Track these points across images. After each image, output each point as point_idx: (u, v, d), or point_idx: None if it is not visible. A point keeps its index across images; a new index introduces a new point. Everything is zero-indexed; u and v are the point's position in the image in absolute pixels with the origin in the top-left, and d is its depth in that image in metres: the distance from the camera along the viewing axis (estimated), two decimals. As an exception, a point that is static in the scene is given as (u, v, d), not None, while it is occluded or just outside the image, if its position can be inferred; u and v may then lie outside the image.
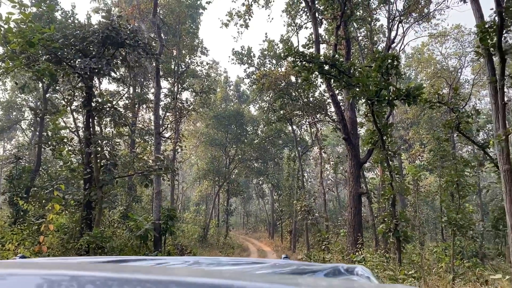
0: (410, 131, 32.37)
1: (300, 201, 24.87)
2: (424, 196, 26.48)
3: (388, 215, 12.76)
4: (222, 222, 37.56)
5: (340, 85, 13.89)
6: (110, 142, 14.00)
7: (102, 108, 13.41)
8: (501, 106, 9.97)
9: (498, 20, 9.43)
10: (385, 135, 13.32)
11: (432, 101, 15.22)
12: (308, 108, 26.26)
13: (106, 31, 12.21)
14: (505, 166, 9.70)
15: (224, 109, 36.08)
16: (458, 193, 16.80)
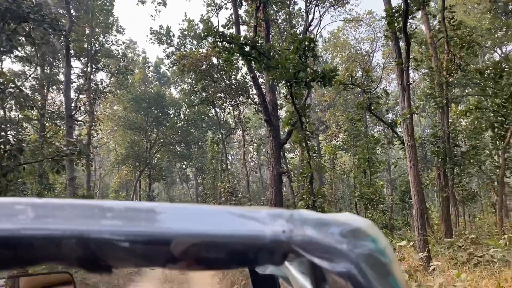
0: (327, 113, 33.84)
1: (224, 183, 25.02)
2: (340, 174, 28.02)
3: (307, 193, 13.32)
4: (144, 208, 36.53)
5: (261, 67, 13.99)
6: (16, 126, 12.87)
7: (4, 89, 12.20)
8: (406, 86, 10.75)
9: (403, 6, 10.07)
10: (303, 116, 13.77)
11: (346, 83, 16.03)
12: (230, 91, 26.25)
13: (5, 3, 11.03)
14: (410, 142, 10.54)
15: (144, 91, 34.76)
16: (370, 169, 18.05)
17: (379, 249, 0.45)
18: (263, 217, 0.49)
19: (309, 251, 0.46)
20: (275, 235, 0.46)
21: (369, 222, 0.49)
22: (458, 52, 15.43)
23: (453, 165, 15.16)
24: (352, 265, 0.43)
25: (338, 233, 0.46)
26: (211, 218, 0.49)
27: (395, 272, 0.46)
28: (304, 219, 0.48)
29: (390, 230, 18.94)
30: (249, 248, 0.47)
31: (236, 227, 0.48)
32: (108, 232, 0.46)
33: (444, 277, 7.70)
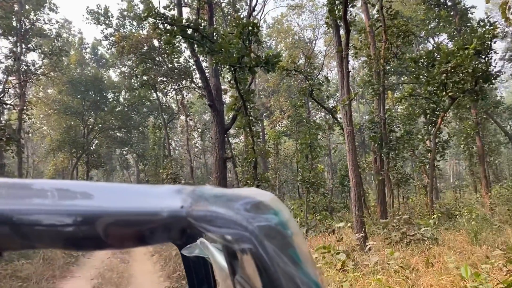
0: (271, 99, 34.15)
1: (166, 170, 24.57)
2: (283, 159, 28.53)
3: (251, 178, 13.40)
4: (82, 196, 35.04)
5: (204, 50, 13.76)
6: None
7: None
8: (345, 74, 11.04)
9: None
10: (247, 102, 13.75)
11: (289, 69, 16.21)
12: (173, 74, 25.64)
13: None
14: (348, 128, 10.88)
15: (80, 74, 32.99)
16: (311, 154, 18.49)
17: (281, 222, 0.46)
18: (163, 193, 0.48)
19: (210, 226, 0.45)
20: (173, 210, 0.45)
21: (272, 196, 0.49)
22: (395, 41, 16.09)
23: (389, 149, 15.91)
24: (252, 238, 0.43)
25: (240, 207, 0.45)
26: (109, 195, 0.47)
27: (296, 244, 0.46)
28: (206, 194, 0.47)
29: (330, 212, 19.63)
30: (146, 225, 0.45)
31: (134, 204, 0.46)
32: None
33: (379, 255, 8.10)
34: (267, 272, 0.43)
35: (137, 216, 0.46)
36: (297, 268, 0.44)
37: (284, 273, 0.43)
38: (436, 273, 6.41)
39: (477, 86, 13.84)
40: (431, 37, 27.98)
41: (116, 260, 11.77)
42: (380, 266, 7.19)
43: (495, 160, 27.67)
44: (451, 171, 49.55)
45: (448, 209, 17.13)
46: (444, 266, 6.76)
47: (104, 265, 10.89)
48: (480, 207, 18.07)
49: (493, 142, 26.19)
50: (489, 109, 22.73)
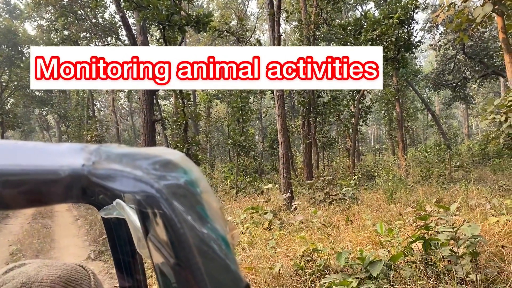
0: (203, 60, 33.46)
1: (90, 132, 23.41)
2: (215, 122, 28.41)
3: (181, 141, 13.21)
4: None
5: (130, 6, 12.94)
6: None
7: None
8: (277, 38, 11.06)
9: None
10: (177, 62, 13.32)
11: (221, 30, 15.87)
12: (97, 30, 23.98)
13: None
14: (278, 92, 11.03)
15: (-10, 25, 29.72)
16: (243, 118, 18.59)
17: (190, 180, 0.45)
18: (64, 151, 0.46)
19: (113, 184, 0.43)
20: (73, 168, 0.43)
21: (181, 155, 0.48)
22: (325, 6, 16.32)
23: (316, 114, 16.46)
24: (159, 195, 0.42)
25: (147, 166, 0.44)
26: (5, 152, 0.44)
27: (204, 201, 0.46)
28: (110, 153, 0.45)
29: (259, 175, 20.12)
30: (43, 184, 0.43)
31: (32, 161, 0.44)
32: None
33: (303, 214, 8.51)
34: (174, 229, 0.42)
35: (35, 175, 0.43)
36: (205, 224, 0.45)
37: (190, 229, 0.43)
38: (355, 229, 6.89)
39: (399, 54, 14.61)
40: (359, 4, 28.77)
41: (37, 225, 11.20)
42: (305, 225, 7.56)
43: (412, 126, 29.86)
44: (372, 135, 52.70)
45: (368, 171, 18.34)
46: (362, 223, 7.28)
47: (24, 231, 10.33)
48: (397, 168, 19.56)
49: (411, 109, 28.14)
50: (408, 77, 24.22)
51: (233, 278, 0.44)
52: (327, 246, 5.59)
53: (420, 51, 29.67)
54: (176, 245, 0.43)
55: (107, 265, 6.56)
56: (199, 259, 0.43)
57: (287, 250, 6.02)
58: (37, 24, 30.81)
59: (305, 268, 4.99)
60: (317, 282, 4.60)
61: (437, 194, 10.29)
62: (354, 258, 4.85)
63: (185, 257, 0.43)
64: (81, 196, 0.45)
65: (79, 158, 0.44)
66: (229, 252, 0.44)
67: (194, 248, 0.43)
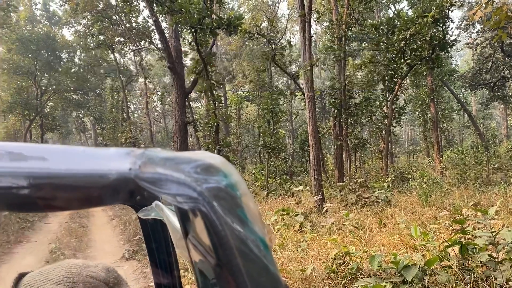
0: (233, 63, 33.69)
1: (125, 134, 24.01)
2: (245, 124, 28.56)
3: (212, 142, 13.36)
4: (37, 160, 33.76)
5: (163, 10, 13.24)
6: None
7: None
8: (308, 39, 11.00)
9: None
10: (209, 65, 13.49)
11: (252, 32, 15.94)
12: (131, 35, 24.60)
13: None
14: (309, 94, 10.97)
15: (31, 32, 30.96)
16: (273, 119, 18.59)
17: (230, 183, 0.47)
18: (112, 155, 0.48)
19: (158, 187, 0.45)
20: (121, 172, 0.46)
21: (222, 159, 0.50)
22: (357, 6, 16.10)
23: (348, 115, 16.26)
24: (201, 198, 0.44)
25: (189, 169, 0.46)
26: (59, 157, 0.47)
27: (244, 204, 0.47)
28: (155, 157, 0.48)
29: (290, 176, 20.06)
30: (95, 187, 0.45)
31: (83, 166, 0.46)
32: None
33: (335, 217, 8.43)
34: (215, 231, 0.44)
35: (86, 178, 0.45)
36: (244, 226, 0.46)
37: (231, 231, 0.44)
38: (388, 233, 6.76)
39: (434, 54, 14.22)
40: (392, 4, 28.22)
41: (74, 224, 11.59)
42: (336, 227, 7.49)
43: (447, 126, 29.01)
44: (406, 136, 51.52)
45: (401, 173, 17.95)
46: (395, 226, 7.13)
47: (62, 230, 10.70)
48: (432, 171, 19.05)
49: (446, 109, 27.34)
50: (444, 76, 23.54)
51: (272, 280, 0.45)
52: (359, 250, 5.51)
53: (455, 50, 28.73)
54: (217, 246, 0.45)
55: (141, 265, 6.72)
56: (239, 260, 0.44)
57: (318, 253, 5.97)
58: (74, 30, 31.91)
59: (337, 271, 4.94)
60: (350, 285, 4.55)
61: (474, 197, 9.96)
62: (388, 262, 4.76)
63: (226, 259, 0.44)
64: (128, 198, 0.47)
65: (126, 162, 0.47)
66: (268, 254, 0.46)
67: (235, 250, 0.44)
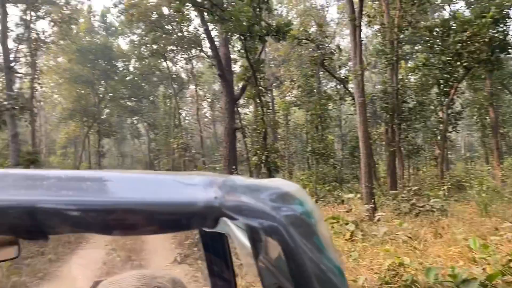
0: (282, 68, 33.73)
1: (177, 139, 24.72)
2: (293, 129, 28.44)
3: (260, 148, 13.42)
4: (94, 164, 35.59)
5: (214, 19, 13.53)
6: None
7: None
8: (358, 43, 10.81)
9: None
10: (257, 71, 13.61)
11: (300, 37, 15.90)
12: (182, 43, 25.36)
13: None
14: (360, 99, 10.75)
15: (90, 42, 32.76)
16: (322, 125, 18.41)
17: (306, 211, 0.50)
18: (197, 184, 0.53)
19: (241, 215, 0.49)
20: (208, 201, 0.50)
21: (297, 187, 0.54)
22: (410, 8, 15.60)
23: (401, 120, 15.75)
24: (280, 227, 0.47)
25: (267, 197, 0.50)
26: (148, 186, 0.53)
27: (319, 232, 0.50)
28: (236, 185, 0.52)
29: (339, 183, 19.69)
30: (183, 214, 0.50)
31: (171, 195, 0.51)
32: (54, 202, 0.48)
33: (387, 226, 8.16)
34: (294, 259, 0.47)
35: (177, 206, 0.50)
36: (321, 254, 0.49)
37: (309, 259, 0.47)
38: (445, 244, 6.45)
39: (493, 56, 13.48)
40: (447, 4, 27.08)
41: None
42: (389, 237, 7.25)
43: (508, 132, 27.30)
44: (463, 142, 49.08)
45: (458, 181, 17.09)
46: (452, 237, 6.79)
47: (116, 240, 11.11)
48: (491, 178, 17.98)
49: (507, 114, 25.74)
50: (504, 79, 22.20)
51: None
52: (414, 261, 5.30)
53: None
54: (295, 273, 0.47)
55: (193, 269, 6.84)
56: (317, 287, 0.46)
57: (370, 263, 5.81)
58: (129, 40, 33.40)
59: (390, 282, 4.77)
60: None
61: (540, 208, 9.29)
62: (445, 274, 4.53)
63: (305, 285, 0.46)
64: (213, 224, 0.52)
65: (211, 191, 0.51)
66: (344, 282, 0.46)
67: (313, 277, 0.46)
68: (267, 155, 12.72)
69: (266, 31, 11.57)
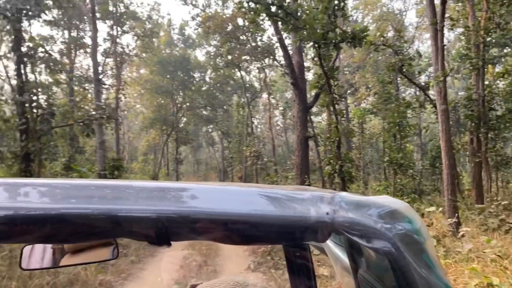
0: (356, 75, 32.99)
1: (249, 147, 25.11)
2: (369, 138, 27.57)
3: (334, 157, 13.17)
4: (172, 171, 37.34)
5: (288, 27, 13.60)
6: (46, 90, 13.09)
7: (34, 54, 12.34)
8: (440, 47, 10.23)
9: (441, -41, 9.42)
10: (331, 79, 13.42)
11: (377, 43, 15.43)
12: (256, 53, 25.83)
13: (30, -33, 10.99)
14: (442, 106, 10.13)
15: (169, 55, 34.60)
16: (400, 134, 17.62)
17: (415, 229, 0.50)
18: (308, 199, 0.56)
19: (351, 231, 0.52)
20: (320, 216, 0.53)
21: (405, 204, 0.54)
22: (498, 9, 14.48)
23: (487, 129, 14.62)
24: (390, 244, 0.48)
25: (377, 214, 0.51)
26: (263, 199, 0.56)
27: (428, 249, 0.50)
28: (346, 202, 0.54)
29: (419, 195, 18.70)
30: (297, 228, 0.54)
31: (286, 209, 0.54)
32: (183, 212, 0.55)
33: (473, 243, 7.57)
34: (405, 276, 0.48)
35: (291, 221, 0.54)
36: (430, 272, 0.48)
37: (419, 276, 0.48)
38: (542, 265, 5.82)
39: None
40: (542, 2, 24.76)
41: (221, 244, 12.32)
42: (474, 254, 6.72)
43: None
44: (561, 153, 44.26)
45: (556, 196, 15.41)
46: (551, 258, 6.12)
47: (190, 245, 11.51)
48: None
49: None
50: None
51: None
52: (505, 282, 4.84)
53: None
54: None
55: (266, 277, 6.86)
56: None
57: (454, 282, 5.42)
58: (206, 51, 34.76)
59: (478, 305, 4.40)
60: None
61: None
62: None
63: None
64: (325, 239, 0.54)
65: (322, 207, 0.54)
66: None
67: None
68: (341, 164, 12.42)
69: (341, 38, 11.36)
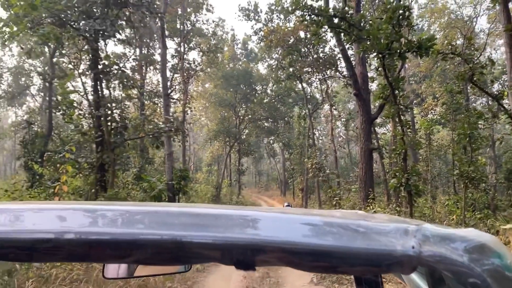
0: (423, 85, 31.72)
1: (311, 159, 24.93)
2: (436, 150, 26.31)
3: (400, 170, 12.73)
4: (234, 181, 38.03)
5: (350, 38, 13.49)
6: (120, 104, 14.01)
7: (109, 71, 13.29)
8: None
9: (516, -38, 8.92)
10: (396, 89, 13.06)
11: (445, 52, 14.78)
12: (318, 65, 25.76)
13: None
14: (520, 116, 9.49)
15: (233, 69, 35.54)
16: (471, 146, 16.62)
17: (505, 264, 0.49)
18: (392, 232, 0.56)
19: (437, 266, 0.51)
20: (405, 250, 0.53)
21: (494, 238, 0.54)
22: None
23: None
24: (479, 281, 0.47)
25: (463, 248, 0.51)
26: (348, 232, 0.57)
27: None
28: (431, 234, 0.54)
29: (493, 211, 17.48)
30: (383, 262, 0.54)
31: (370, 242, 0.55)
32: (271, 242, 0.56)
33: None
34: None
35: (377, 254, 0.54)
36: None
37: None
38: None
39: None
40: None
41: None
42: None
43: None
44: None
45: None
46: None
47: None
48: None
49: None
50: None
51: None
52: None
53: None
54: None
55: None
56: None
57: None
58: (267, 64, 35.23)
59: None
60: None
61: None
62: None
63: None
64: (410, 272, 0.55)
65: (408, 240, 0.54)
66: None
67: None
68: (407, 177, 11.97)
69: (406, 47, 11.06)
